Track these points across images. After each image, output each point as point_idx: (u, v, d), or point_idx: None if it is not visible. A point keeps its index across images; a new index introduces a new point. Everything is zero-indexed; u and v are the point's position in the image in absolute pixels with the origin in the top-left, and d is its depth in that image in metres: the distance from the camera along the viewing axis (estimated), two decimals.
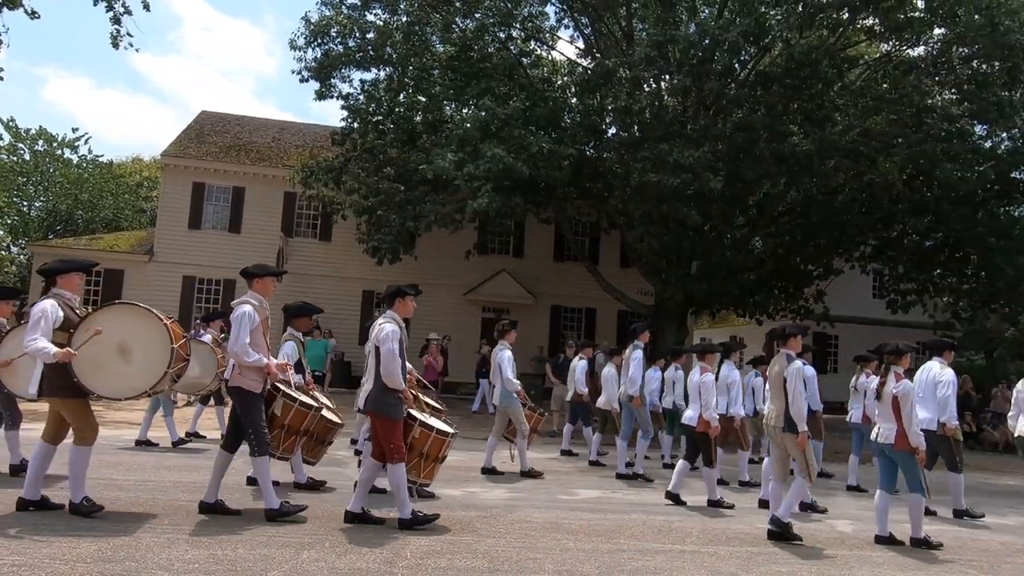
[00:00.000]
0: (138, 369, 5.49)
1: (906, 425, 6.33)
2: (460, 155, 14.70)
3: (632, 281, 20.55)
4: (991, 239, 17.09)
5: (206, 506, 5.82)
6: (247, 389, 5.76)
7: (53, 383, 5.39)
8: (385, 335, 5.73)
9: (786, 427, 6.41)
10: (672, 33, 14.78)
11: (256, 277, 6.00)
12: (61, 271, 5.61)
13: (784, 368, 6.44)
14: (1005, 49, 14.32)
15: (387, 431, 5.78)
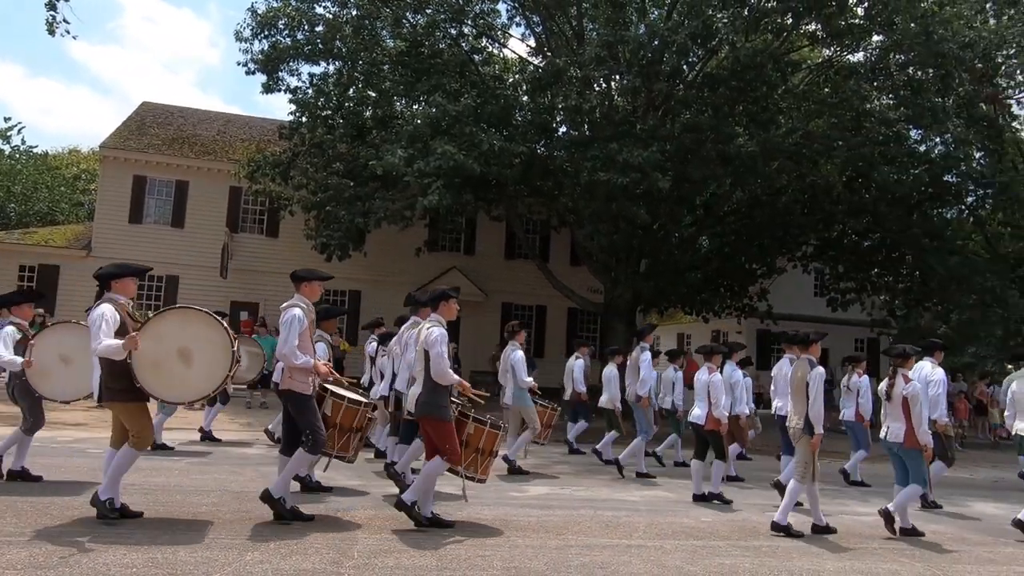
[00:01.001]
0: (200, 373, 5.52)
1: (915, 424, 6.73)
2: (410, 151, 14.61)
3: (582, 279, 20.72)
4: (925, 240, 17.77)
5: (268, 496, 5.82)
6: (298, 391, 5.83)
7: (112, 387, 5.39)
8: (434, 339, 5.85)
9: (805, 428, 6.66)
10: (622, 34, 14.92)
11: (304, 281, 6.05)
12: (117, 276, 5.57)
13: (807, 373, 6.69)
14: (939, 57, 14.87)
15: (440, 432, 5.88)
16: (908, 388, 6.81)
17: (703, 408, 8.05)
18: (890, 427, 6.93)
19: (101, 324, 5.24)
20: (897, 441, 6.85)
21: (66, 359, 6.53)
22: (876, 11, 15.31)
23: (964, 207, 20.54)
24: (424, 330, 6.02)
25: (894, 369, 6.97)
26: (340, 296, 22.46)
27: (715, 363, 8.36)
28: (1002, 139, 19.68)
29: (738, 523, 7.05)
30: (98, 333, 5.21)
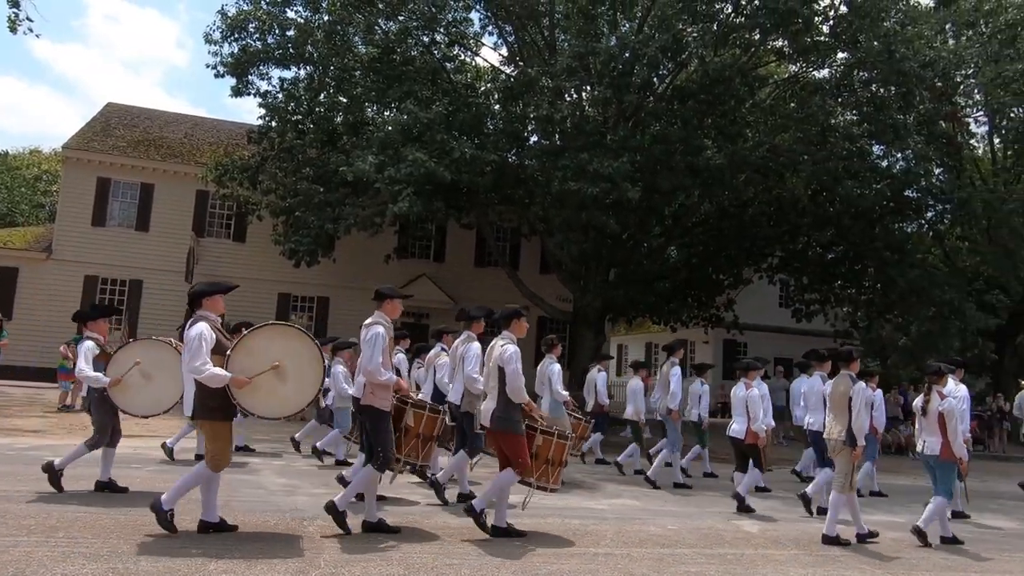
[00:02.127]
0: (293, 390, 5.57)
1: (951, 439, 7.06)
2: (381, 158, 14.57)
3: (551, 287, 20.80)
4: (886, 253, 18.16)
5: (369, 525, 5.99)
6: (379, 408, 5.92)
7: (207, 404, 5.39)
8: (509, 356, 6.05)
9: (847, 440, 6.94)
10: (593, 45, 15.07)
11: (387, 298, 6.14)
12: (208, 293, 5.60)
13: (849, 388, 7.02)
14: (900, 75, 15.26)
15: (514, 445, 6.09)
16: (944, 404, 7.16)
17: (742, 423, 8.43)
18: (926, 441, 7.28)
19: (201, 344, 5.25)
20: (934, 454, 7.17)
21: (146, 375, 6.67)
22: (841, 29, 15.68)
23: (924, 221, 21.05)
24: (498, 347, 6.18)
25: (929, 386, 7.34)
26: (308, 303, 22.28)
27: (751, 378, 8.69)
28: (960, 156, 20.26)
29: (704, 531, 7.12)
30: (199, 354, 5.23)
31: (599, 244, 17.07)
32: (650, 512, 7.89)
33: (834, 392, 7.34)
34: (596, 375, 11.87)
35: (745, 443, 8.39)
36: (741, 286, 21.74)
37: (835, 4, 15.80)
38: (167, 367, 6.71)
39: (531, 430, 6.40)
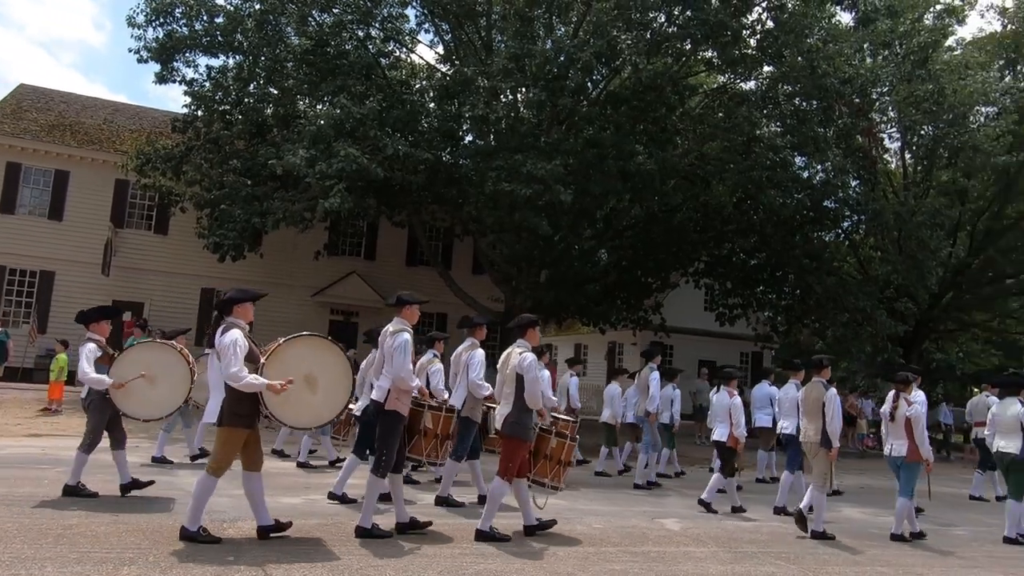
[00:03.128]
0: (323, 399, 5.66)
1: (918, 442, 7.63)
2: (312, 152, 14.28)
3: (483, 288, 20.81)
4: (805, 261, 18.89)
5: (401, 526, 6.16)
6: (401, 413, 6.08)
7: (235, 411, 5.38)
8: (528, 364, 6.22)
9: (822, 442, 7.46)
10: (529, 48, 15.15)
11: (408, 304, 6.27)
12: (239, 301, 5.58)
13: (823, 394, 7.55)
14: (822, 90, 15.89)
15: (516, 451, 6.28)
16: (911, 410, 7.73)
17: (725, 428, 8.85)
18: (894, 444, 7.82)
19: (236, 351, 5.25)
20: (901, 455, 7.71)
21: (149, 378, 6.75)
22: (767, 43, 16.21)
23: (840, 231, 22.00)
24: (516, 355, 6.33)
25: (897, 393, 7.91)
26: None
27: (732, 387, 9.13)
28: (875, 170, 21.22)
29: (628, 530, 7.26)
30: (235, 361, 5.22)
31: (531, 245, 17.17)
32: (577, 511, 7.99)
33: (807, 398, 7.86)
34: (568, 379, 11.97)
35: (726, 445, 8.83)
36: (668, 290, 22.24)
37: (762, 19, 16.33)
38: (170, 371, 6.89)
39: (545, 433, 6.82)
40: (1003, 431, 8.41)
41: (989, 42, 22.71)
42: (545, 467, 6.79)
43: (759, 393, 11.52)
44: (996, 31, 22.83)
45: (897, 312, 20.47)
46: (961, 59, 20.56)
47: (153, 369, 6.80)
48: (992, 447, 8.66)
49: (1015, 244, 22.18)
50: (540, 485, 6.79)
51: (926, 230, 18.48)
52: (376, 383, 6.20)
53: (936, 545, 7.76)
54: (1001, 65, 22.35)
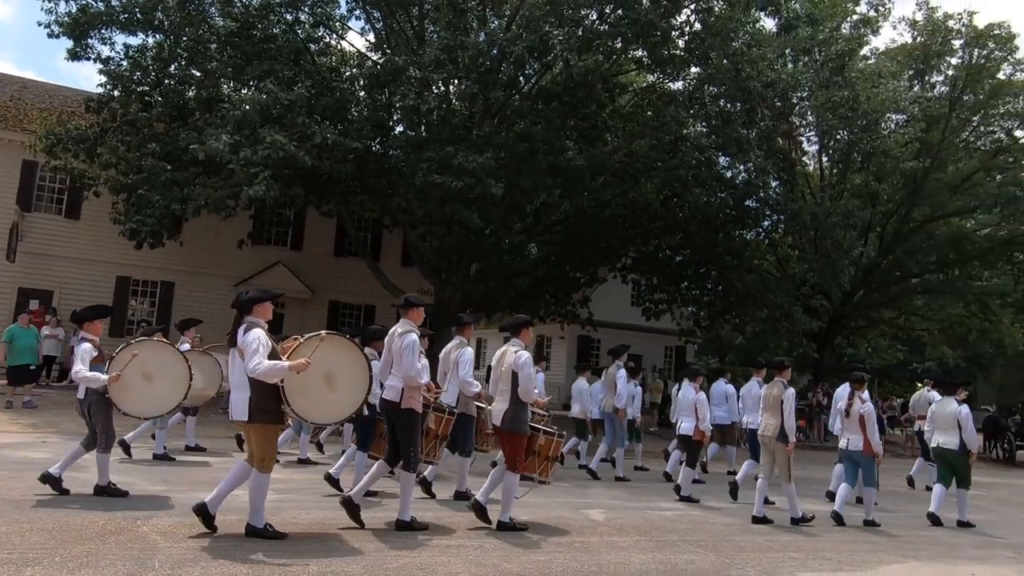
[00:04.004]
0: (342, 397, 5.84)
1: (870, 437, 8.32)
2: (237, 138, 13.82)
3: (412, 280, 20.63)
4: (727, 258, 19.51)
5: (403, 524, 6.26)
6: (416, 410, 6.36)
7: (263, 407, 5.50)
8: (523, 362, 6.58)
9: (779, 438, 8.03)
10: (462, 39, 15.06)
11: (414, 307, 6.58)
12: (260, 300, 5.74)
13: (782, 392, 8.11)
14: (745, 93, 16.39)
15: (517, 444, 6.63)
16: (864, 408, 8.40)
17: (691, 422, 9.41)
18: (850, 439, 8.54)
19: (259, 347, 5.35)
20: (857, 449, 8.41)
21: (147, 376, 6.81)
22: (695, 45, 16.58)
23: (761, 230, 22.78)
24: (511, 354, 6.66)
25: (852, 392, 8.59)
26: (151, 287, 20.82)
27: (698, 382, 9.73)
28: (794, 171, 22.07)
29: (553, 520, 7.35)
30: (256, 355, 5.31)
31: (461, 238, 17.12)
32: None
33: (768, 395, 8.41)
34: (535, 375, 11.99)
35: (693, 439, 9.37)
36: (596, 284, 22.56)
37: (690, 21, 16.69)
38: (168, 370, 6.98)
39: (534, 430, 7.06)
40: (942, 427, 9.13)
41: (900, 53, 23.88)
42: (534, 463, 7.06)
43: (716, 390, 11.87)
44: (907, 42, 24.02)
45: (812, 309, 21.37)
46: (874, 68, 21.56)
47: (150, 367, 6.84)
48: (931, 442, 9.38)
49: (920, 246, 23.46)
50: (528, 480, 7.04)
51: (840, 231, 19.34)
52: (388, 383, 6.41)
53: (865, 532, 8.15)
54: (910, 75, 23.55)
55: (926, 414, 10.47)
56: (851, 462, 8.64)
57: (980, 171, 23.01)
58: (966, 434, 8.88)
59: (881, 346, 31.35)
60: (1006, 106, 23.11)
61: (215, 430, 12.09)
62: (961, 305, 24.86)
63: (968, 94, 22.56)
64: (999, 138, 23.61)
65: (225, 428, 11.51)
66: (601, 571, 5.59)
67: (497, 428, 6.77)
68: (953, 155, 22.99)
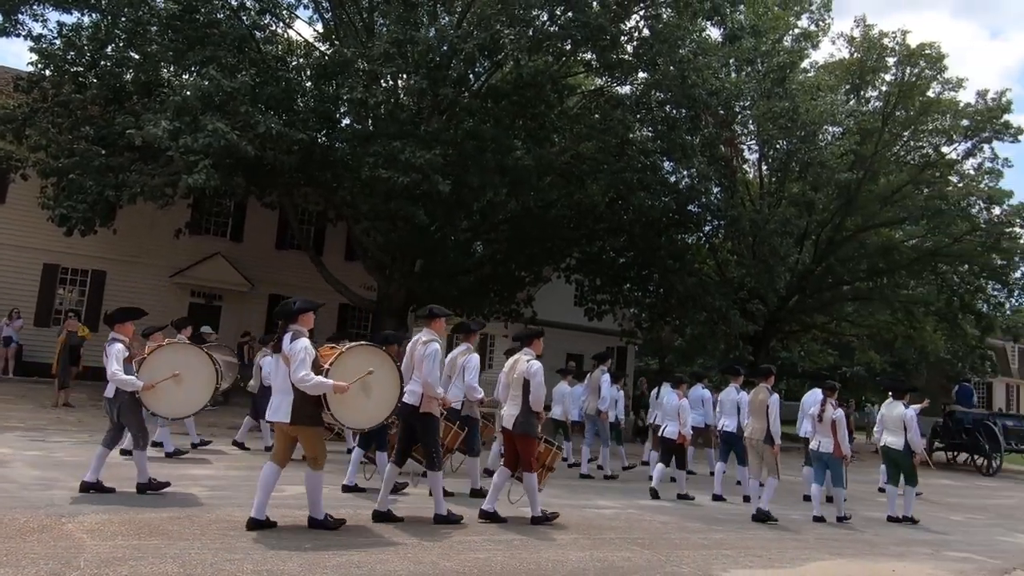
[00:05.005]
0: (376, 402, 6.25)
1: (840, 440, 8.93)
2: (176, 124, 13.43)
3: (356, 275, 20.40)
4: (669, 261, 19.86)
5: (380, 515, 6.62)
6: (434, 414, 6.82)
7: (305, 412, 5.87)
8: (535, 370, 7.09)
9: (765, 440, 8.75)
10: (412, 34, 14.95)
11: (437, 317, 7.04)
12: (305, 310, 6.07)
13: (767, 398, 8.86)
14: (691, 100, 16.72)
15: (529, 447, 7.13)
16: (836, 413, 9.05)
17: (675, 426, 9.91)
18: (821, 441, 9.15)
19: (305, 357, 5.77)
20: (827, 451, 9.03)
21: (177, 378, 7.08)
22: (643, 51, 16.84)
23: (702, 234, 23.27)
24: (523, 362, 7.17)
25: (825, 399, 9.24)
26: (81, 275, 20.02)
27: (682, 390, 10.30)
28: (735, 178, 22.62)
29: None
30: (304, 365, 5.73)
31: (407, 234, 16.99)
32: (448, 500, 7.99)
33: (753, 400, 9.09)
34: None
35: (676, 443, 9.89)
36: (540, 284, 22.67)
37: (639, 27, 16.95)
38: (197, 372, 7.29)
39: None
40: (890, 428, 9.77)
41: (838, 67, 24.72)
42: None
43: (693, 395, 12.13)
44: (844, 58, 24.86)
45: (749, 313, 21.94)
46: (814, 81, 22.27)
47: (181, 369, 7.13)
48: (879, 442, 10.01)
49: (852, 254, 24.33)
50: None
51: (777, 238, 19.89)
52: (408, 388, 6.66)
53: (792, 531, 8.41)
54: (847, 89, 24.38)
55: None
56: (821, 463, 9.25)
57: (909, 184, 24.00)
58: (911, 435, 9.52)
59: (813, 350, 32.39)
60: (934, 123, 24.16)
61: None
62: (888, 312, 25.86)
63: (900, 110, 23.48)
64: (927, 153, 24.66)
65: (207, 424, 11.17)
66: (539, 569, 5.64)
67: (508, 431, 7.23)
68: (885, 168, 23.90)
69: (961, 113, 23.77)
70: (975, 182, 24.69)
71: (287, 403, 5.85)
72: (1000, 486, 17.42)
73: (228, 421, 13.12)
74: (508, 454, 7.37)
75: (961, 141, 24.41)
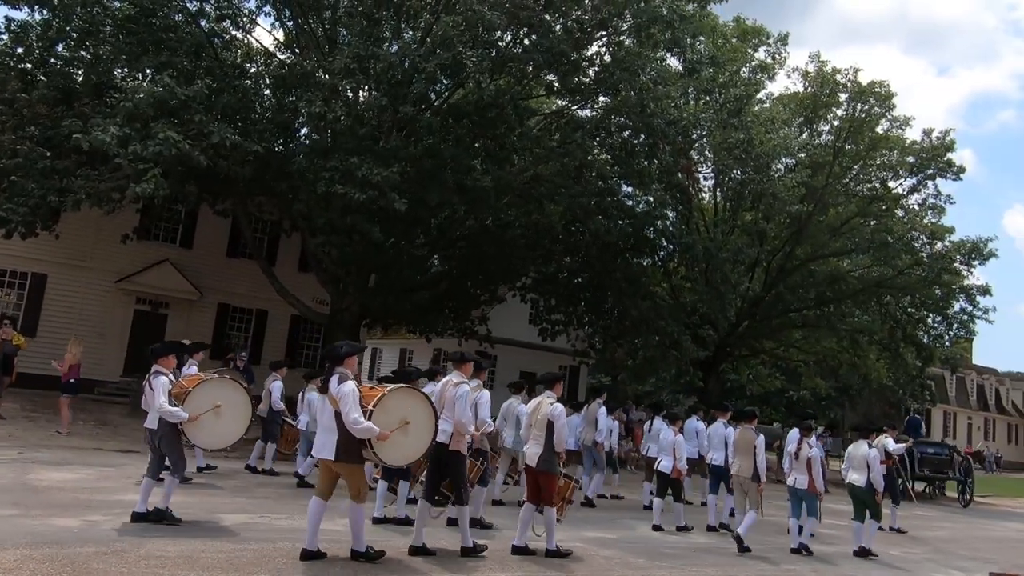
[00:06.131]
0: (414, 441, 6.64)
1: (815, 478, 9.59)
2: (127, 131, 13.07)
3: (309, 286, 20.10)
4: (624, 284, 20.02)
5: (415, 549, 6.96)
6: (463, 452, 7.35)
7: (349, 450, 6.29)
8: (559, 413, 7.61)
9: (752, 477, 9.36)
10: (374, 50, 14.85)
11: (465, 362, 7.69)
12: (352, 354, 6.56)
13: (754, 439, 9.48)
14: (649, 129, 16.94)
15: (551, 484, 7.61)
16: (812, 452, 9.66)
17: (670, 461, 10.35)
18: (797, 478, 9.73)
19: (354, 400, 6.16)
20: (802, 488, 9.63)
21: (217, 411, 7.42)
22: (604, 76, 17.02)
23: (657, 259, 23.55)
24: (547, 405, 7.65)
25: (802, 438, 9.85)
26: (20, 279, 19.30)
27: (677, 425, 10.76)
28: (691, 205, 22.97)
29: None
30: (352, 409, 6.12)
31: (362, 249, 16.81)
32: (377, 532, 7.88)
33: (740, 440, 9.73)
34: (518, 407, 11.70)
35: (672, 476, 10.36)
36: (496, 303, 22.65)
37: (601, 54, 17.13)
38: (235, 405, 7.66)
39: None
40: (855, 467, 10.31)
41: (792, 100, 25.35)
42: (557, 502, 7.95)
43: (688, 427, 12.68)
44: (799, 91, 25.51)
45: (700, 338, 22.21)
46: (769, 114, 22.77)
47: (220, 401, 7.46)
48: (845, 479, 10.56)
49: (801, 283, 24.88)
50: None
51: (729, 265, 20.24)
52: (440, 427, 7.06)
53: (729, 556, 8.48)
54: (800, 122, 25.02)
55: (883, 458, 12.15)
56: (796, 498, 9.82)
57: (857, 216, 24.69)
58: (873, 474, 10.05)
59: (761, 374, 32.98)
60: (882, 158, 24.94)
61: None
62: (834, 340, 26.48)
63: (850, 144, 24.16)
64: (875, 187, 25.42)
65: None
66: None
67: (531, 468, 7.62)
68: (834, 199, 24.53)
69: (907, 150, 24.59)
70: (919, 217, 25.53)
71: (332, 441, 6.24)
72: (937, 515, 17.90)
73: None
74: (530, 489, 7.74)
75: (907, 177, 25.28)
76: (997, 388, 49.86)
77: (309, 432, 10.65)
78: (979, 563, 10.71)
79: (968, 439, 45.02)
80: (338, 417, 6.16)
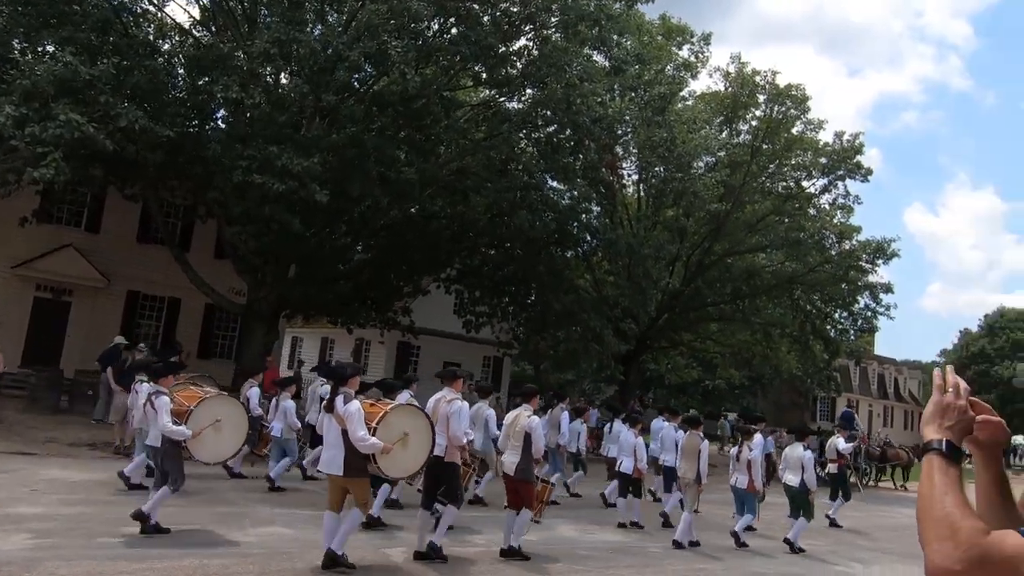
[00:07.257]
0: (413, 455, 7.05)
1: (755, 478, 10.21)
2: (23, 111, 12.24)
3: (225, 275, 19.36)
4: (547, 278, 20.15)
5: (419, 554, 7.36)
6: (457, 463, 7.82)
7: (355, 465, 6.70)
8: (536, 425, 8.13)
9: (696, 480, 9.86)
10: (295, 35, 14.35)
11: (456, 379, 8.04)
12: (355, 374, 7.01)
13: (699, 444, 9.99)
14: (575, 125, 17.03)
15: (529, 491, 8.07)
16: (752, 454, 10.25)
17: (630, 462, 10.86)
18: (738, 478, 10.29)
19: (360, 419, 6.53)
20: (743, 487, 10.22)
21: (217, 427, 7.74)
22: (531, 70, 17.00)
23: (580, 252, 23.80)
24: (524, 418, 8.15)
25: (742, 441, 10.52)
26: None
27: (637, 428, 11.20)
28: (615, 200, 23.28)
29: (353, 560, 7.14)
30: (359, 427, 6.47)
31: (281, 239, 16.31)
32: (301, 543, 7.69)
33: (687, 445, 10.24)
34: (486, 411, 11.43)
35: (633, 477, 10.84)
36: (419, 294, 22.43)
37: (529, 47, 17.08)
38: (234, 420, 8.06)
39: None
40: (791, 468, 10.88)
41: (713, 99, 25.99)
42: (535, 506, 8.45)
43: (654, 427, 13.30)
44: (720, 91, 26.16)
45: (622, 332, 22.60)
46: (691, 113, 23.26)
47: (220, 417, 7.80)
48: (782, 479, 11.12)
49: (718, 277, 25.67)
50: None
51: (651, 261, 20.63)
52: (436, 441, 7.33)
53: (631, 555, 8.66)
54: (720, 121, 25.68)
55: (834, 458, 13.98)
56: (738, 498, 10.45)
57: (772, 214, 25.60)
58: (807, 475, 10.65)
59: (679, 365, 33.94)
60: (796, 158, 25.90)
61: None
62: (748, 333, 27.48)
63: (767, 143, 24.98)
64: (789, 186, 26.40)
65: None
66: None
67: (509, 476, 8.03)
68: (751, 197, 25.35)
69: (820, 151, 25.60)
70: (829, 216, 26.66)
71: (339, 458, 6.63)
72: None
73: None
74: (510, 496, 8.09)
75: (819, 177, 26.34)
76: (896, 377, 52.74)
77: (282, 439, 10.84)
78: (877, 553, 11.31)
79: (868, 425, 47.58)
80: (344, 434, 6.52)
